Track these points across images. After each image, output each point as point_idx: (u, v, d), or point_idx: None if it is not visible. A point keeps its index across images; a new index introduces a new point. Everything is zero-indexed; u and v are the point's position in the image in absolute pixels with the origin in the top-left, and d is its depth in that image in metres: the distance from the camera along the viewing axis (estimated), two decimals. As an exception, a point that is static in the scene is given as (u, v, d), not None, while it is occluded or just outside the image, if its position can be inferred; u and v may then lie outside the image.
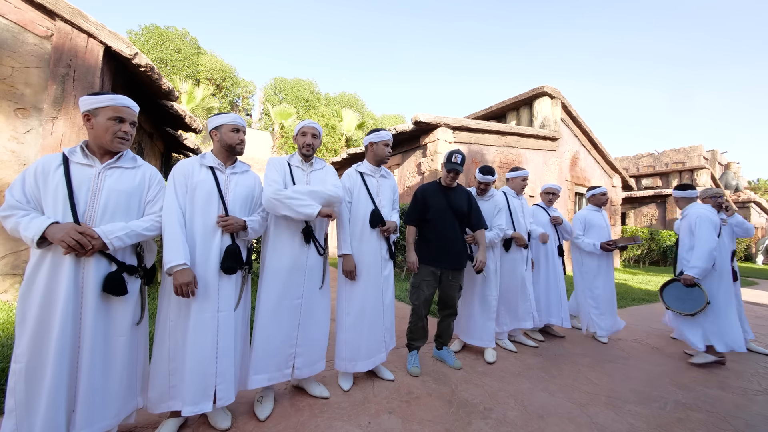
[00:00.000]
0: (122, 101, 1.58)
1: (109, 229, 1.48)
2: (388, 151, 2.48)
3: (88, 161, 1.55)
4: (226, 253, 1.79)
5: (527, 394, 2.35)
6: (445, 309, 2.77)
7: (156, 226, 1.66)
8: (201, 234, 1.78)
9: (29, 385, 1.37)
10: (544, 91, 7.93)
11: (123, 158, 1.64)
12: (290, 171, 2.17)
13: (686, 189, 3.25)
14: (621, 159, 22.37)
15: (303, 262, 2.09)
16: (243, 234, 1.89)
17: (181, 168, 1.83)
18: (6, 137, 3.52)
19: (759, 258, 16.53)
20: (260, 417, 1.90)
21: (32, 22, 3.65)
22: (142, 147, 6.11)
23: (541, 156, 7.96)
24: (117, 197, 1.56)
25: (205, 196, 1.81)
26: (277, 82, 24.91)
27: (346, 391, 2.24)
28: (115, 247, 1.49)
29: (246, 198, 1.96)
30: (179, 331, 1.72)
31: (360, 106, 26.24)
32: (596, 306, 3.55)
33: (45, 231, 1.38)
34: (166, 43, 19.41)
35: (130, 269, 1.59)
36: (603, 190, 3.68)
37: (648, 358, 3.12)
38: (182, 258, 1.64)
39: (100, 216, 1.51)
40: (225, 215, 1.82)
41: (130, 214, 1.61)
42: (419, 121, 6.07)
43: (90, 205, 1.50)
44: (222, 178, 1.89)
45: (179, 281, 1.63)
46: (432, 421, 1.97)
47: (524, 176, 3.32)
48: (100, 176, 1.54)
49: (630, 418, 2.10)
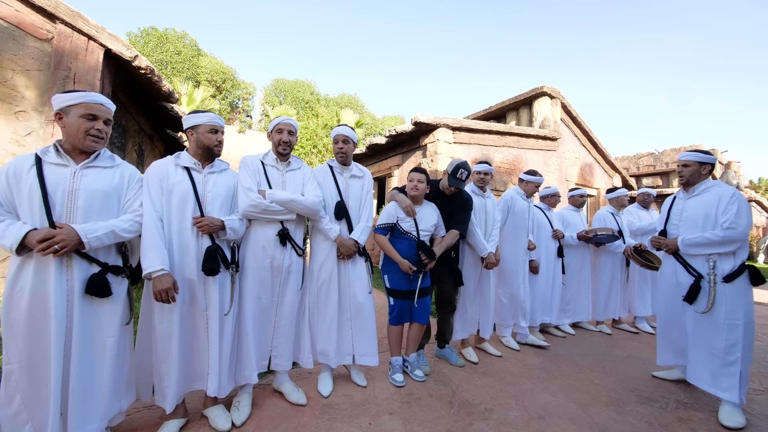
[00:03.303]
0: (94, 98, 1.53)
1: (89, 228, 1.46)
2: (339, 148, 2.36)
3: (63, 161, 1.50)
4: (206, 255, 1.75)
5: (528, 394, 2.35)
6: (445, 306, 2.79)
7: (136, 227, 1.63)
8: (179, 236, 1.76)
9: (33, 385, 1.40)
10: (544, 91, 7.92)
11: (100, 157, 1.60)
12: (264, 171, 2.10)
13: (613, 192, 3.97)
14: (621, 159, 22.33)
15: (280, 263, 2.06)
16: (222, 234, 1.85)
17: (155, 170, 1.78)
18: (6, 140, 3.53)
19: (760, 257, 16.50)
20: (237, 422, 1.86)
21: (33, 25, 3.66)
22: (142, 149, 6.12)
23: (541, 156, 7.96)
24: (95, 197, 1.53)
25: (181, 198, 1.78)
26: (277, 83, 24.91)
27: (326, 397, 2.19)
28: (93, 246, 1.46)
29: (225, 197, 1.93)
30: (166, 333, 1.71)
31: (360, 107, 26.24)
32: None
33: (24, 239, 1.35)
34: (166, 45, 19.43)
35: (115, 269, 1.56)
36: (581, 192, 3.99)
37: (649, 358, 3.12)
38: (159, 263, 1.61)
39: (82, 216, 1.49)
40: (201, 216, 1.78)
41: (110, 214, 1.58)
42: (419, 121, 6.07)
43: (68, 206, 1.47)
44: (199, 179, 1.85)
45: (158, 287, 1.60)
46: (433, 422, 1.97)
47: (538, 183, 3.31)
48: (76, 176, 1.50)
49: (631, 418, 2.10)
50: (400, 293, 2.44)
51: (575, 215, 3.96)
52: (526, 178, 3.34)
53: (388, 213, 2.48)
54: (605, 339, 3.66)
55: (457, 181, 2.52)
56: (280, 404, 2.08)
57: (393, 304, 2.48)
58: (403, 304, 2.45)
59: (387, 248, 2.44)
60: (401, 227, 2.44)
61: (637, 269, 3.95)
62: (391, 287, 2.47)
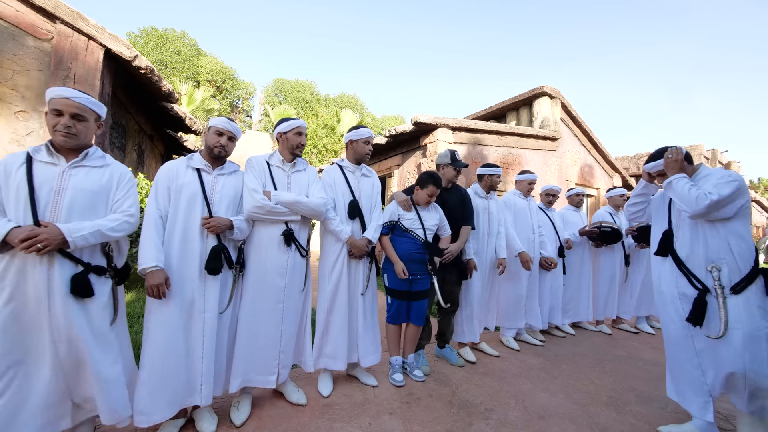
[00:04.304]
0: (58, 92, 1.50)
1: (74, 227, 1.43)
2: (369, 149, 2.41)
3: (53, 160, 1.50)
4: (211, 254, 1.78)
5: (528, 394, 2.35)
6: (448, 306, 2.78)
7: (124, 227, 1.60)
8: (184, 235, 1.77)
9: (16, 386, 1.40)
10: (544, 91, 7.92)
11: (90, 156, 1.58)
12: (270, 172, 2.11)
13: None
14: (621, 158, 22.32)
15: (284, 264, 2.05)
16: (230, 234, 1.88)
17: (166, 171, 1.83)
18: (7, 140, 3.53)
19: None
20: (236, 423, 1.86)
21: (33, 25, 3.66)
22: (142, 149, 6.12)
23: (541, 156, 7.96)
24: (82, 196, 1.52)
25: (190, 198, 1.80)
26: (277, 83, 24.91)
27: (326, 397, 2.19)
28: (78, 246, 1.44)
29: (233, 198, 1.95)
30: (161, 333, 1.70)
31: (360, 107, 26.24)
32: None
33: (6, 236, 1.35)
34: (166, 45, 19.43)
35: (98, 270, 1.55)
36: (577, 191, 4.04)
37: (649, 358, 3.12)
38: (153, 260, 1.65)
39: (66, 215, 1.47)
40: (209, 216, 1.81)
41: (97, 213, 1.56)
42: (419, 121, 6.07)
43: (53, 204, 1.46)
44: (208, 180, 1.88)
45: (150, 282, 1.64)
46: (433, 422, 1.97)
47: (531, 180, 3.37)
48: (64, 175, 1.50)
49: (631, 418, 2.10)
50: (398, 293, 2.45)
51: (575, 215, 4.01)
52: (519, 178, 3.44)
53: (390, 212, 2.50)
54: (605, 339, 3.66)
55: (460, 163, 2.68)
56: (280, 404, 2.08)
57: (391, 302, 2.50)
58: (400, 304, 2.47)
59: (387, 248, 2.45)
60: (402, 225, 2.46)
61: (637, 269, 3.97)
62: (390, 286, 2.49)
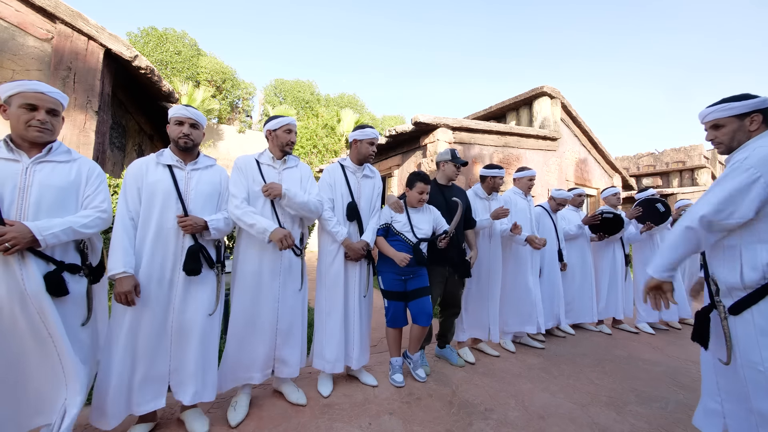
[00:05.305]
0: (32, 86, 1.44)
1: (44, 225, 1.39)
2: (373, 150, 2.40)
3: (13, 156, 1.44)
4: (188, 254, 1.70)
5: (528, 394, 2.35)
6: (451, 308, 2.78)
7: (97, 223, 1.56)
8: (157, 236, 1.69)
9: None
10: (544, 91, 7.92)
11: (54, 151, 1.52)
12: (260, 170, 2.06)
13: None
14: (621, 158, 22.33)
15: (277, 264, 2.02)
16: (206, 234, 1.79)
17: (135, 170, 1.73)
18: (7, 140, 3.53)
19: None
20: (232, 423, 1.84)
21: (33, 25, 3.66)
22: (142, 149, 6.12)
23: (541, 156, 7.96)
24: (50, 193, 1.46)
25: (163, 196, 1.71)
26: (277, 83, 24.89)
27: (326, 397, 2.19)
28: (49, 244, 1.40)
29: (210, 195, 1.86)
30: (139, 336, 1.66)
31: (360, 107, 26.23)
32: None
33: None
34: (166, 45, 19.41)
35: (72, 268, 1.50)
36: (578, 191, 4.07)
37: (649, 358, 3.12)
38: (122, 266, 1.57)
39: (33, 213, 1.42)
40: (184, 215, 1.72)
41: (66, 210, 1.51)
42: (419, 121, 6.07)
43: (18, 202, 1.40)
44: (181, 176, 1.78)
45: (118, 290, 1.56)
46: (433, 422, 1.97)
47: (531, 176, 3.33)
48: (28, 171, 1.44)
49: (631, 419, 2.10)
50: (393, 294, 2.44)
51: (575, 215, 4.03)
52: (517, 175, 3.39)
53: (383, 214, 2.51)
54: (605, 339, 3.66)
55: (460, 160, 2.72)
56: (280, 404, 2.08)
57: (387, 306, 2.47)
58: (397, 306, 2.44)
59: (383, 246, 2.44)
60: (394, 228, 2.45)
61: (639, 270, 3.98)
62: (385, 288, 2.47)
